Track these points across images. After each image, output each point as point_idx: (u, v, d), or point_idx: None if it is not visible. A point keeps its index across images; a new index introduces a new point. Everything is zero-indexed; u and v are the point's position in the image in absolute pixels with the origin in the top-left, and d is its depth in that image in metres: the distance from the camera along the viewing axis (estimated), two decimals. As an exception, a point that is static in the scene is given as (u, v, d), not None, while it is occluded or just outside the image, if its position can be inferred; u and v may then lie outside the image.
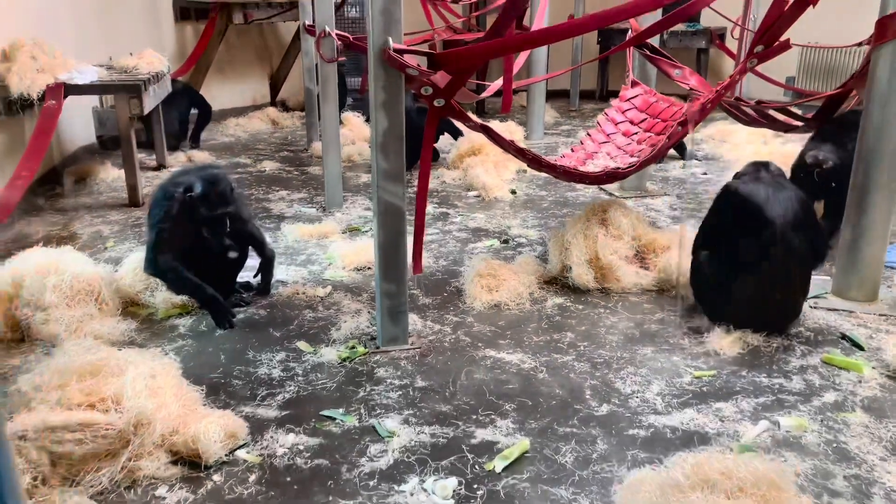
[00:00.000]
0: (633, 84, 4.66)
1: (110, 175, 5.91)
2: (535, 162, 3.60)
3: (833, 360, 3.04)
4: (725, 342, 3.12)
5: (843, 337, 3.25)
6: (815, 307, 3.52)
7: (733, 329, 3.18)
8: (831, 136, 4.13)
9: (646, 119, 4.33)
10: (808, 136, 4.38)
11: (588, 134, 4.54)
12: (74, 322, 3.13)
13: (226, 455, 2.38)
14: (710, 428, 2.58)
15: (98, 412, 2.25)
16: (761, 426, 2.58)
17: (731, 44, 7.60)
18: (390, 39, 2.74)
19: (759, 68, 5.65)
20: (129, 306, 3.49)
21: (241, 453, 2.41)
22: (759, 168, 3.35)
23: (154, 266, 3.33)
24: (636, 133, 4.28)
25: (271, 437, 2.51)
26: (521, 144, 4.08)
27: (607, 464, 2.39)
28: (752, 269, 3.09)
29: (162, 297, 3.48)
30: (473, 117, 3.39)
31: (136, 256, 3.66)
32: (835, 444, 2.48)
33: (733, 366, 3.01)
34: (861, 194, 3.43)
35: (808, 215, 3.17)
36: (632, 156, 4.02)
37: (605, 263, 3.72)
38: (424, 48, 4.40)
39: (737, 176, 3.39)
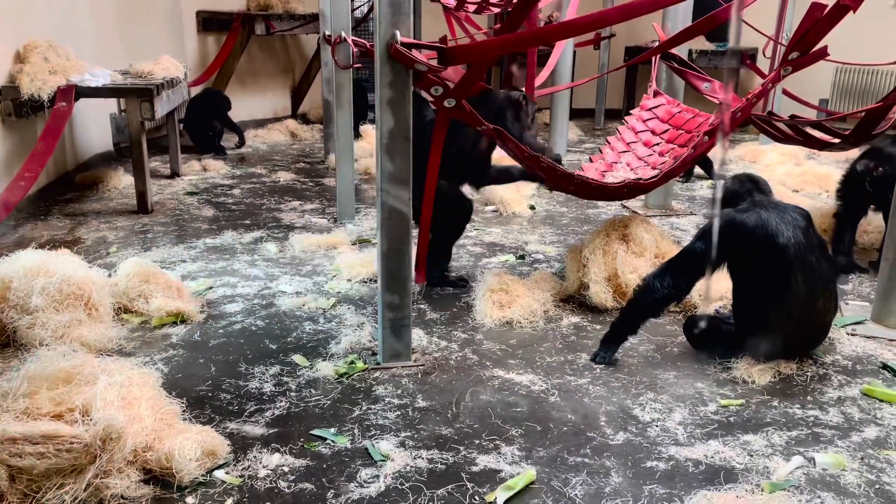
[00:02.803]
0: (656, 94, 4.45)
1: (122, 182, 5.82)
2: (549, 171, 3.39)
3: (874, 392, 2.78)
4: (755, 369, 2.87)
5: (885, 367, 2.99)
6: (853, 334, 3.26)
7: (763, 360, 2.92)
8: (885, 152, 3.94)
9: (668, 129, 4.10)
10: (843, 156, 4.13)
11: (607, 142, 4.32)
12: (61, 327, 2.96)
13: (202, 475, 2.19)
14: (737, 462, 2.33)
15: (65, 423, 2.07)
16: (794, 462, 2.33)
17: (763, 65, 7.37)
18: (398, 33, 2.57)
19: (792, 88, 5.42)
20: (122, 313, 3.33)
21: (219, 474, 2.22)
22: (747, 184, 3.04)
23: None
24: (658, 144, 4.05)
25: (255, 456, 2.31)
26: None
27: (622, 499, 2.15)
28: (776, 302, 2.83)
29: (156, 304, 3.32)
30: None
31: (131, 261, 3.51)
32: (877, 486, 2.23)
33: (763, 395, 2.75)
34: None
35: (815, 230, 2.94)
36: (654, 168, 3.79)
37: (624, 281, 3.49)
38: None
39: (727, 196, 3.06)
